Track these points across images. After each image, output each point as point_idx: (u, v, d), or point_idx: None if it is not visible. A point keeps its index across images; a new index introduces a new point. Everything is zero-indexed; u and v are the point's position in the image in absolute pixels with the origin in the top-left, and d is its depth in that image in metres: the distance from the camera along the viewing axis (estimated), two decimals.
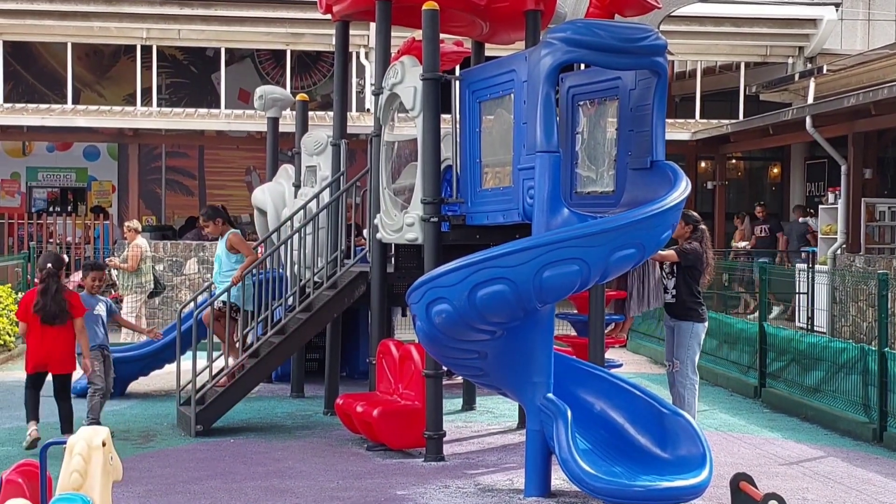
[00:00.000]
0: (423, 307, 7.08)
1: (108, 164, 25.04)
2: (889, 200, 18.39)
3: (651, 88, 7.63)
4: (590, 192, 8.35)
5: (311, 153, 11.42)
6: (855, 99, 16.01)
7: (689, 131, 22.19)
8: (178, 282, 18.36)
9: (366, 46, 22.10)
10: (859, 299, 15.70)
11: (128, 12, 22.24)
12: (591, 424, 7.80)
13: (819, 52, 24.04)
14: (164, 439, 9.57)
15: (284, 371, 12.32)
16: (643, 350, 15.72)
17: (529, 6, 9.61)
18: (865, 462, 8.95)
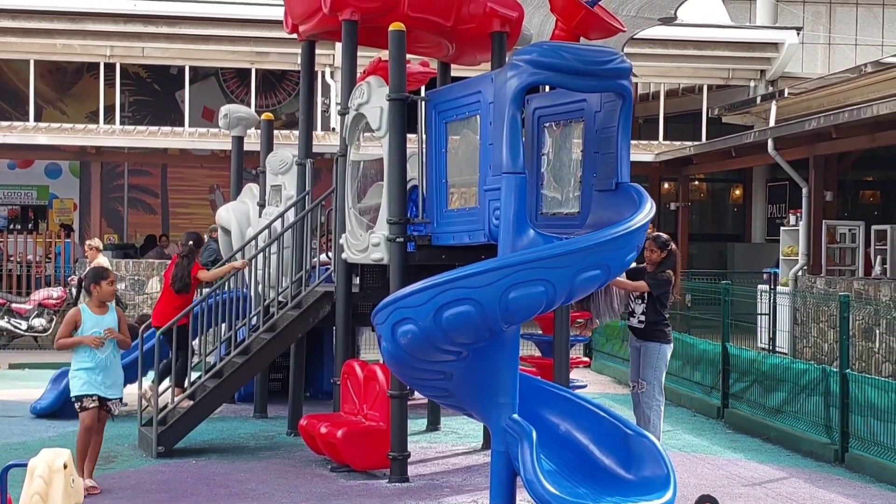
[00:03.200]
0: (389, 328, 7.05)
1: (70, 181, 24.88)
2: (850, 223, 18.57)
3: (616, 111, 7.65)
4: (555, 214, 8.36)
5: (276, 172, 11.38)
6: (816, 122, 16.18)
7: (653, 153, 22.35)
8: (139, 300, 18.23)
9: (331, 66, 22.13)
10: (821, 321, 15.84)
11: (91, 30, 22.15)
12: (556, 445, 7.78)
13: (780, 75, 24.35)
14: (125, 461, 9.47)
15: (248, 391, 12.24)
16: (607, 370, 15.76)
17: (495, 28, 9.66)
18: (827, 483, 9.00)
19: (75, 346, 8.26)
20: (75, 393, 8.32)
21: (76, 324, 8.30)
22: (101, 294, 8.45)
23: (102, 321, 8.34)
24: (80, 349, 8.28)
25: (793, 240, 18.31)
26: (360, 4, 9.31)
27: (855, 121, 15.18)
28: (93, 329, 8.27)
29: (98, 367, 8.27)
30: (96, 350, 8.24)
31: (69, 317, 8.37)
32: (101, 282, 8.42)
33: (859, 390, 9.60)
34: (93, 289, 8.45)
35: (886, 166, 24.24)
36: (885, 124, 15.14)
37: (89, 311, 8.39)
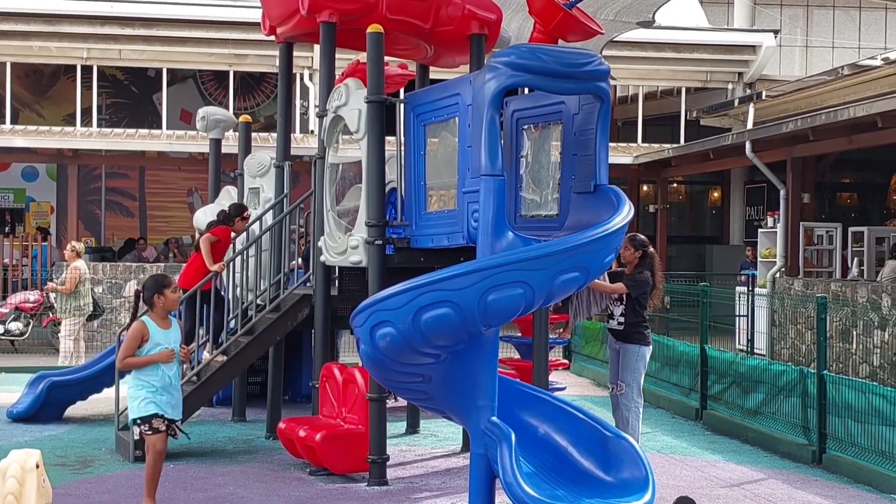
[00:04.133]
0: (368, 330, 7.04)
1: (47, 184, 24.75)
2: (827, 224, 18.67)
3: (594, 113, 7.67)
4: (534, 216, 8.37)
5: (255, 175, 11.36)
6: (793, 124, 16.26)
7: (632, 155, 22.41)
8: (117, 304, 18.15)
9: (310, 68, 22.09)
10: (798, 322, 15.91)
11: (68, 32, 22.04)
12: (535, 448, 7.78)
13: (758, 77, 24.46)
14: (102, 465, 9.41)
15: (226, 395, 12.19)
16: (586, 372, 15.78)
17: (474, 30, 9.66)
18: (805, 484, 9.03)
19: (146, 365, 7.37)
20: (139, 414, 7.39)
21: (143, 339, 7.38)
22: (167, 303, 7.51)
23: (169, 335, 7.47)
24: (145, 367, 7.39)
25: (771, 241, 18.40)
26: (338, 6, 9.29)
27: (832, 123, 15.26)
28: (161, 345, 7.39)
29: (164, 388, 7.42)
30: (164, 368, 7.39)
31: (135, 332, 7.40)
32: (165, 290, 7.48)
33: (836, 392, 9.64)
34: (156, 299, 7.47)
35: (863, 168, 24.40)
36: (861, 126, 15.22)
37: (154, 324, 7.45)
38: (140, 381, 7.39)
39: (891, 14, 28.78)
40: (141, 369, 7.38)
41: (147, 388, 7.36)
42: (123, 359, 7.43)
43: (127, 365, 7.46)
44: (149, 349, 7.35)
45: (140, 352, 7.35)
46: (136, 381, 7.43)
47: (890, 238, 17.46)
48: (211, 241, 10.42)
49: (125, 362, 7.43)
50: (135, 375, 7.45)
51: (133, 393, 7.43)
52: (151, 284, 7.57)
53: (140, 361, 7.36)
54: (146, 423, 7.38)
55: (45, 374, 11.92)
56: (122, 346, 7.44)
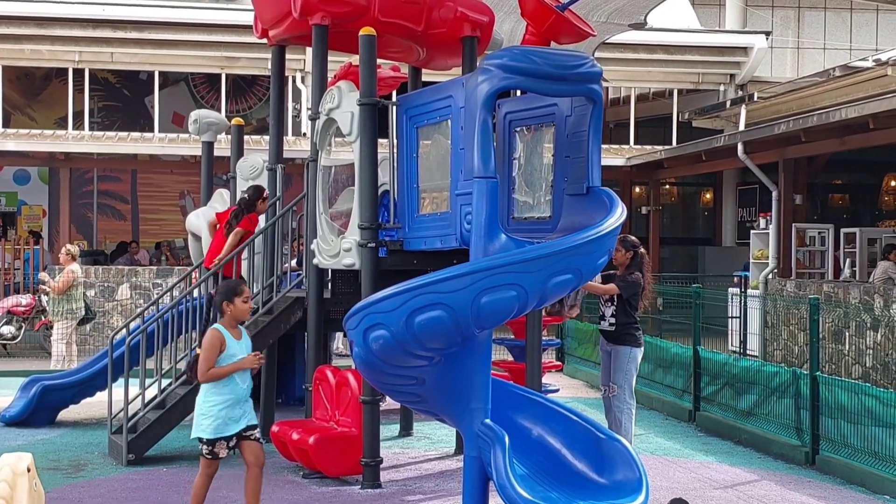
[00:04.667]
0: (361, 333, 7.03)
1: (39, 188, 24.71)
2: (819, 226, 18.70)
3: (587, 115, 7.67)
4: (527, 218, 8.36)
5: (247, 178, 11.35)
6: (785, 126, 16.27)
7: (624, 157, 22.43)
8: (109, 307, 18.12)
9: (302, 70, 22.08)
10: (791, 323, 15.93)
11: (60, 35, 22.00)
12: (529, 450, 7.78)
13: (750, 79, 24.50)
14: (95, 468, 9.40)
15: None
16: (580, 374, 15.78)
17: (466, 33, 9.67)
18: (798, 485, 9.04)
19: (230, 374, 7.04)
20: (209, 435, 7.05)
21: (222, 348, 7.04)
22: (236, 312, 7.16)
23: (241, 345, 7.17)
24: (220, 380, 7.05)
25: (763, 243, 18.42)
26: (331, 9, 9.29)
27: (824, 124, 15.28)
28: (237, 356, 7.09)
29: (238, 401, 7.09)
30: (239, 380, 7.08)
31: (213, 340, 7.02)
32: (235, 298, 7.14)
33: (829, 393, 9.65)
34: (225, 307, 7.14)
35: (855, 169, 24.44)
36: (853, 128, 15.25)
37: (228, 333, 7.13)
38: (214, 396, 7.00)
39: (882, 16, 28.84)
40: (215, 382, 7.01)
41: (222, 406, 7.00)
42: (206, 371, 6.97)
43: (211, 377, 6.99)
44: (225, 359, 7.01)
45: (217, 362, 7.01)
46: (209, 394, 7.03)
47: (882, 239, 17.49)
48: (241, 236, 10.37)
49: (209, 374, 6.97)
50: (209, 389, 7.04)
51: (205, 409, 7.04)
52: (222, 291, 7.24)
53: (225, 371, 6.99)
54: (209, 445, 7.08)
55: (38, 378, 11.90)
56: (202, 358, 6.98)
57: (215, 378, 6.99)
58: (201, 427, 7.04)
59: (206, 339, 7.05)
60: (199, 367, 6.99)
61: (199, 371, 7.00)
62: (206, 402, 7.02)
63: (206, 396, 7.04)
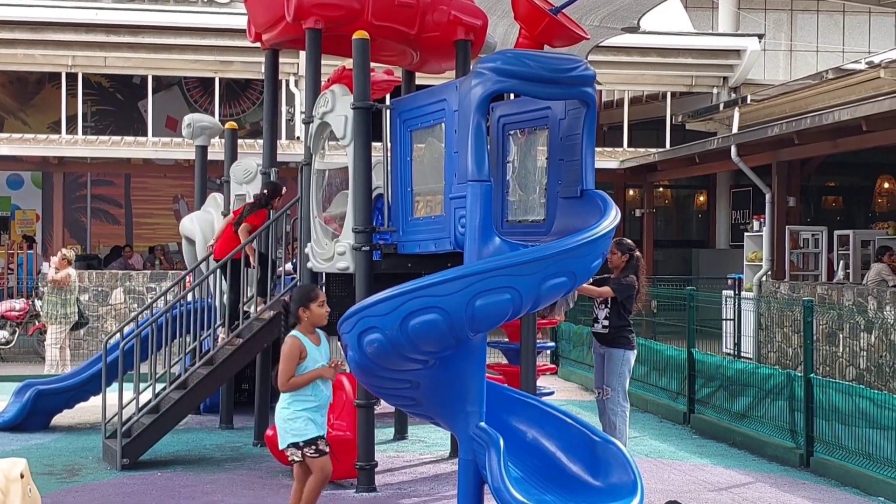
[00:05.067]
0: (355, 337, 7.03)
1: (33, 192, 24.67)
2: (812, 228, 18.72)
3: (580, 118, 7.68)
4: (521, 221, 8.37)
5: (241, 181, 11.35)
6: (778, 128, 16.30)
7: (618, 160, 22.45)
8: (103, 312, 18.10)
9: (295, 74, 22.08)
10: (785, 325, 15.95)
11: (53, 39, 21.97)
12: (524, 453, 7.78)
13: (743, 82, 24.54)
14: (89, 473, 9.38)
15: (213, 402, 12.16)
16: (574, 377, 15.79)
17: (459, 36, 9.67)
18: (793, 487, 9.05)
19: (311, 382, 6.90)
20: (303, 438, 6.92)
21: (302, 356, 6.92)
22: (313, 318, 7.02)
23: (322, 351, 7.04)
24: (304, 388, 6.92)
25: (757, 245, 18.44)
26: (324, 13, 9.29)
27: (817, 127, 15.30)
28: (318, 362, 6.96)
29: (319, 407, 6.99)
30: (322, 385, 6.95)
31: (292, 349, 6.89)
32: (311, 304, 7.02)
33: (823, 394, 9.67)
34: (301, 313, 7.00)
35: (848, 172, 24.47)
36: (846, 130, 15.27)
37: (306, 339, 7.00)
38: (297, 401, 6.87)
39: (875, 18, 28.89)
40: (300, 390, 6.89)
41: (307, 409, 6.89)
42: (287, 380, 6.81)
43: (292, 386, 6.85)
44: (305, 367, 6.86)
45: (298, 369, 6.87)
46: (292, 401, 6.89)
47: (875, 241, 17.51)
48: (249, 231, 10.34)
49: (290, 384, 6.82)
50: (291, 397, 6.90)
51: (289, 414, 6.91)
52: (297, 297, 7.05)
53: (305, 379, 6.85)
54: (311, 446, 6.94)
55: (32, 383, 11.88)
56: (282, 368, 6.80)
57: (296, 387, 6.83)
58: (292, 432, 6.88)
59: (286, 348, 6.87)
60: (280, 377, 6.82)
61: (280, 381, 6.82)
62: (290, 408, 6.89)
63: (289, 405, 6.89)
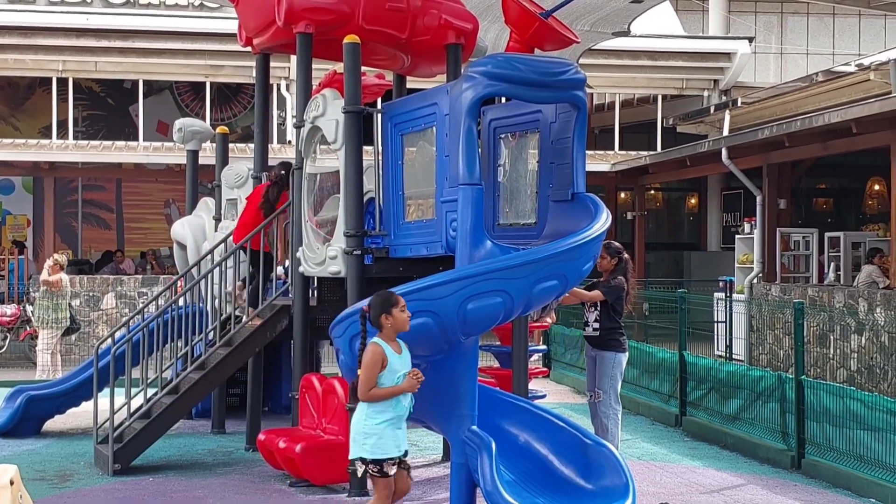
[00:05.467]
0: (347, 341, 7.05)
1: (24, 197, 24.62)
2: (803, 230, 18.77)
3: (571, 121, 7.71)
4: (512, 224, 8.39)
5: (232, 186, 11.34)
6: (769, 131, 16.34)
7: (609, 163, 22.48)
8: (94, 317, 18.07)
9: (286, 78, 22.07)
10: (776, 328, 15.99)
11: (43, 44, 21.95)
12: (516, 456, 7.80)
13: (734, 84, 24.59)
14: (81, 479, 9.36)
15: (205, 407, 12.14)
16: (566, 380, 15.80)
17: (450, 40, 9.68)
18: (784, 489, 9.07)
19: (393, 397, 6.54)
20: (375, 456, 6.55)
21: (383, 364, 6.52)
22: (397, 324, 6.59)
23: (403, 359, 6.65)
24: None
25: (748, 247, 18.47)
26: (315, 17, 9.29)
27: (807, 129, 15.35)
28: (399, 372, 6.56)
29: (399, 419, 6.61)
30: (402, 397, 6.58)
31: (374, 357, 6.49)
32: (393, 309, 6.58)
33: (815, 396, 9.68)
34: (383, 320, 6.57)
35: (839, 174, 24.54)
36: (836, 132, 15.31)
37: (388, 347, 6.58)
38: (378, 415, 6.53)
39: (864, 20, 28.98)
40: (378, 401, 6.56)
41: (385, 423, 6.53)
42: (368, 390, 6.47)
43: (373, 397, 6.50)
44: (387, 376, 6.52)
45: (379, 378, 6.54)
46: (372, 413, 6.54)
47: (866, 243, 17.57)
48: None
49: (371, 394, 6.48)
50: (370, 407, 6.56)
51: (368, 428, 6.54)
52: (378, 303, 6.65)
53: (387, 393, 6.50)
54: (377, 465, 6.56)
55: (23, 389, 11.86)
56: (364, 376, 6.48)
57: (377, 399, 6.52)
58: (365, 447, 6.55)
59: (368, 356, 6.52)
60: (361, 386, 6.49)
61: (361, 390, 6.50)
62: (370, 421, 6.54)
63: (367, 415, 6.55)
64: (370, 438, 6.53)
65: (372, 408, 6.52)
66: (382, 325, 6.59)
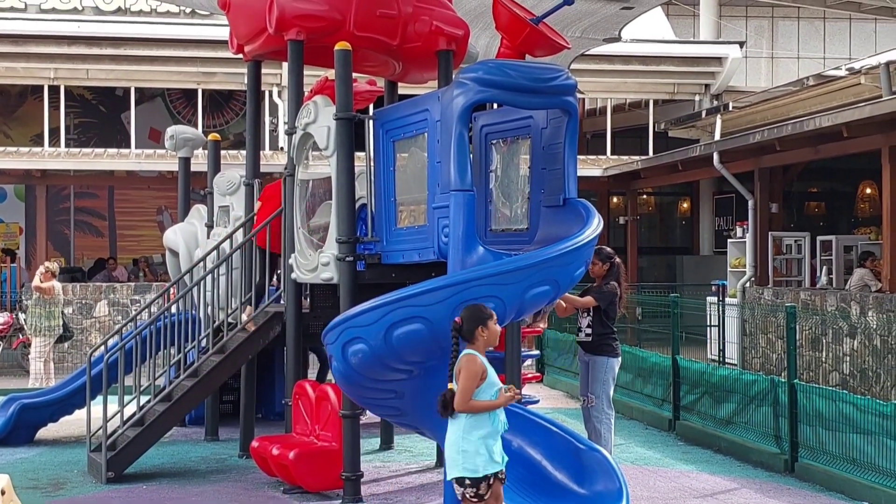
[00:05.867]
0: (340, 347, 7.05)
1: (16, 205, 24.58)
2: (795, 234, 18.81)
3: (562, 127, 7.73)
4: (504, 230, 8.40)
5: (224, 193, 11.33)
6: (760, 135, 16.38)
7: (601, 167, 22.51)
8: (87, 324, 18.04)
9: (278, 85, 22.07)
10: (768, 331, 16.01)
11: (35, 52, 21.92)
12: (509, 461, 7.79)
13: (725, 89, 24.64)
14: (74, 487, 9.35)
15: (198, 414, 12.13)
16: (559, 385, 15.80)
17: (441, 46, 9.69)
18: (778, 493, 9.08)
19: (491, 410, 6.29)
20: (477, 474, 6.23)
21: (482, 377, 6.25)
22: (491, 336, 6.40)
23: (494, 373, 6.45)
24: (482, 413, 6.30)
25: (740, 251, 18.50)
26: (306, 24, 9.30)
27: (798, 133, 15.38)
28: (496, 385, 6.32)
29: (499, 432, 6.36)
30: (499, 412, 6.36)
31: (478, 367, 6.23)
32: (489, 322, 6.38)
33: (807, 400, 9.70)
34: (478, 333, 6.33)
35: (830, 177, 24.59)
36: (827, 136, 15.36)
37: (485, 360, 6.36)
38: (477, 430, 6.26)
39: (855, 24, 29.09)
40: (477, 415, 6.27)
41: (484, 437, 6.26)
42: (468, 401, 6.21)
43: (472, 408, 6.24)
44: (485, 389, 6.26)
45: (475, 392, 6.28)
46: (471, 428, 6.26)
47: (858, 247, 17.59)
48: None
49: (471, 405, 6.22)
50: (469, 421, 6.27)
51: (470, 444, 6.26)
52: (472, 316, 6.41)
53: (487, 405, 6.25)
54: (475, 486, 6.24)
55: (16, 397, 11.83)
56: (463, 387, 6.20)
57: (475, 410, 6.25)
58: (467, 466, 6.24)
59: (468, 368, 6.23)
60: (461, 396, 6.22)
61: (460, 400, 6.23)
62: (470, 436, 6.25)
63: (466, 431, 6.26)
64: (474, 457, 6.25)
65: (472, 423, 6.25)
66: (477, 338, 6.35)
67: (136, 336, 10.25)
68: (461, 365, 6.22)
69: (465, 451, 6.21)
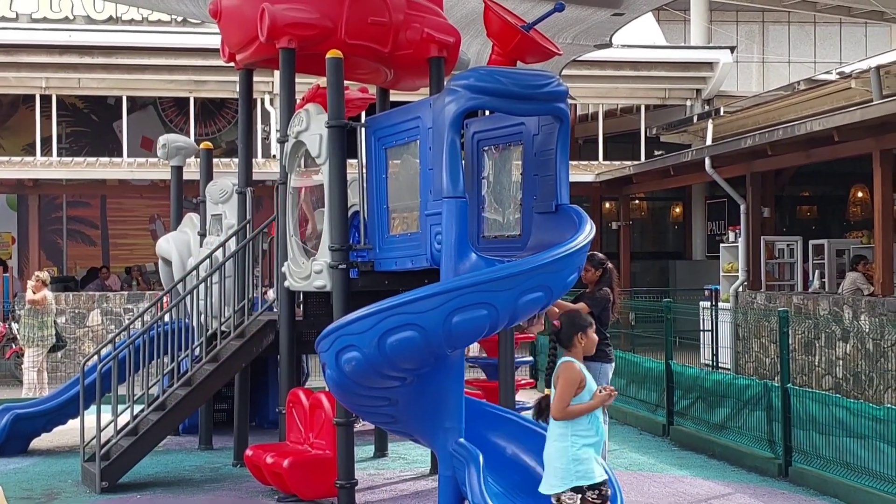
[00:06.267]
0: (333, 355, 7.05)
1: (8, 215, 24.55)
2: (787, 238, 18.84)
3: (554, 133, 7.74)
4: (497, 237, 8.41)
5: (217, 201, 11.33)
6: (752, 140, 16.42)
7: (593, 173, 22.55)
8: (80, 334, 18.02)
9: (270, 93, 22.09)
10: (762, 336, 16.03)
11: (26, 61, 21.92)
12: (503, 468, 7.80)
13: (716, 94, 24.71)
14: (68, 497, 9.33)
15: (192, 423, 12.11)
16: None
17: (433, 53, 9.70)
18: (772, 497, 9.09)
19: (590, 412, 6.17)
20: (593, 481, 6.10)
21: (581, 384, 6.17)
22: (588, 344, 6.36)
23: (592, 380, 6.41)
24: (581, 419, 6.17)
25: (732, 256, 18.54)
26: (297, 32, 9.31)
27: (790, 138, 15.42)
28: (594, 390, 6.24)
29: (601, 441, 6.28)
30: (598, 417, 6.26)
31: (575, 376, 6.16)
32: (588, 330, 6.35)
33: (801, 404, 9.72)
34: (577, 340, 6.28)
35: (822, 181, 24.65)
36: (819, 140, 15.40)
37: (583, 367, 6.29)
38: (579, 436, 6.15)
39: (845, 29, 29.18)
40: (577, 422, 6.15)
41: (588, 445, 6.15)
42: (564, 408, 6.13)
43: (569, 414, 6.14)
44: (584, 396, 6.18)
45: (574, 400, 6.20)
46: (574, 436, 6.15)
47: (850, 250, 17.64)
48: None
49: (568, 411, 6.12)
50: (571, 430, 6.16)
51: (576, 453, 6.12)
52: (574, 323, 6.37)
53: (584, 408, 6.14)
54: (595, 490, 6.11)
55: (9, 407, 11.81)
56: (560, 394, 6.15)
57: (574, 416, 6.14)
58: (579, 474, 6.10)
59: (566, 376, 6.18)
60: (557, 403, 6.17)
61: (556, 407, 6.17)
62: (574, 445, 6.14)
63: (570, 440, 6.16)
64: (582, 463, 6.11)
65: (575, 431, 6.14)
66: (575, 345, 6.30)
67: (129, 345, 10.23)
68: (559, 372, 6.20)
69: (577, 459, 6.09)
